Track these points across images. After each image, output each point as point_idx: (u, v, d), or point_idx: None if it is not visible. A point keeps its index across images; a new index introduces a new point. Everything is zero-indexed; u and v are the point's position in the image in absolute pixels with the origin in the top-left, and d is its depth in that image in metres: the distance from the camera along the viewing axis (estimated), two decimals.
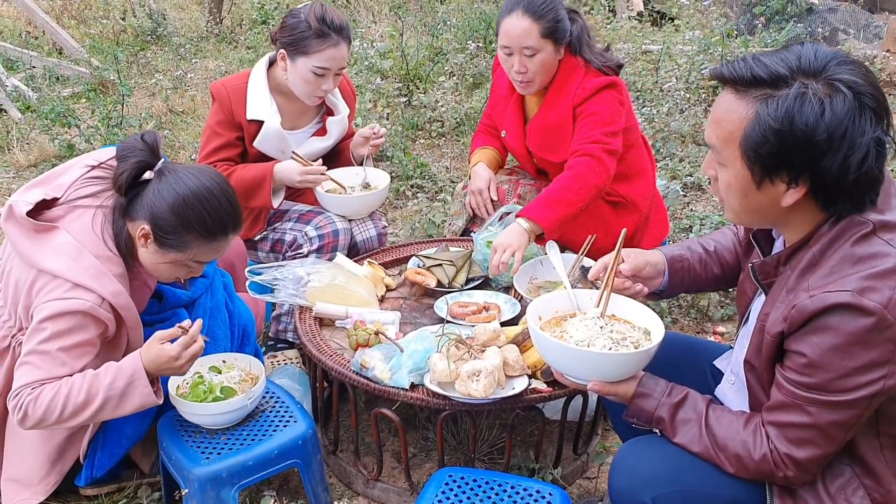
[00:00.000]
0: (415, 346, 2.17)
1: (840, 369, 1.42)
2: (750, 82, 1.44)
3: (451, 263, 2.67)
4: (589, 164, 2.63)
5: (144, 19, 7.98)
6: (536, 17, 2.62)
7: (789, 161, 1.42)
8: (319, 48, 2.75)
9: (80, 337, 1.98)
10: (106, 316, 2.00)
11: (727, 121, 1.47)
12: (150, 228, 2.03)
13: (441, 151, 5.18)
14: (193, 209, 2.02)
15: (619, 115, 2.74)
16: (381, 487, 2.38)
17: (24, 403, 1.94)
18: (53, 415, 1.94)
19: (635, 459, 1.68)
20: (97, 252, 2.03)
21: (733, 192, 1.53)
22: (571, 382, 1.78)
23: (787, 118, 1.39)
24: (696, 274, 1.97)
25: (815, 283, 1.46)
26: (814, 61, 1.42)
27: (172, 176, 2.04)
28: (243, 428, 2.16)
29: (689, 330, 3.31)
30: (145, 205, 2.03)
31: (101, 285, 1.99)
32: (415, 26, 7.33)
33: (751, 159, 1.45)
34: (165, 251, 2.06)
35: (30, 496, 2.19)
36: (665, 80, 5.68)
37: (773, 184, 1.47)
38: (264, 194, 2.80)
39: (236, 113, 2.86)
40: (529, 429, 2.63)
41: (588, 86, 2.72)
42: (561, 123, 2.79)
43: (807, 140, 1.39)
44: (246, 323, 2.50)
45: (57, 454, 2.20)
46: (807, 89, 1.39)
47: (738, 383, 1.78)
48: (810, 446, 1.50)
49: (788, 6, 7.21)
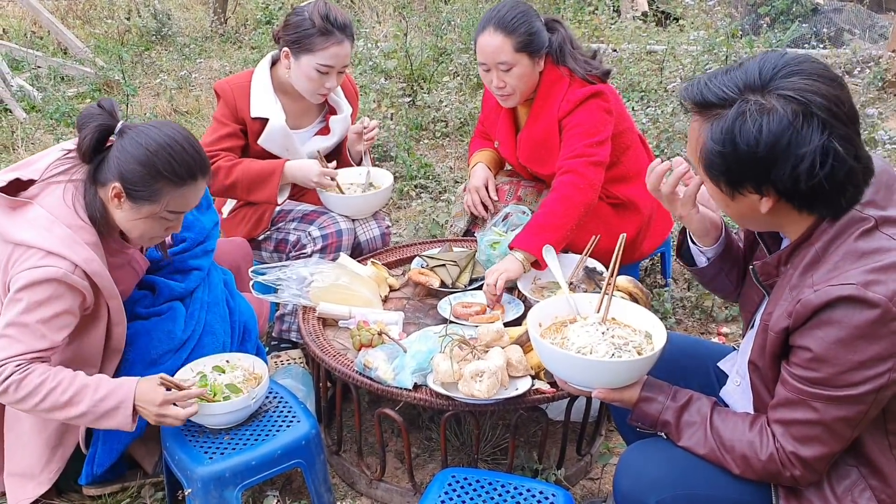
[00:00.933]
0: (418, 347, 2.16)
1: (846, 363, 1.42)
2: (703, 105, 1.49)
3: (455, 264, 2.67)
4: (573, 181, 2.61)
5: (149, 19, 7.99)
6: (508, 32, 2.61)
7: (743, 176, 1.46)
8: (323, 46, 2.75)
9: (57, 307, 1.99)
10: (81, 283, 2.01)
11: (692, 139, 1.54)
12: (121, 185, 2.04)
13: (445, 152, 5.18)
14: (159, 157, 2.03)
15: (604, 123, 2.71)
16: (384, 488, 2.38)
17: (8, 379, 1.94)
18: (32, 401, 1.96)
19: (641, 462, 1.67)
20: (69, 222, 2.05)
21: (717, 202, 1.59)
22: (575, 389, 1.78)
23: (729, 139, 1.44)
24: (738, 251, 1.89)
25: (820, 278, 1.46)
26: (758, 77, 1.44)
27: (134, 132, 2.07)
28: (246, 428, 2.16)
29: (693, 331, 3.30)
30: (112, 165, 2.06)
31: (73, 252, 2.00)
32: (419, 26, 7.33)
33: (713, 176, 1.51)
34: (139, 205, 2.07)
35: (34, 487, 2.20)
36: (669, 81, 5.67)
37: (743, 195, 1.50)
38: (270, 189, 2.80)
39: (240, 110, 2.87)
40: (533, 429, 2.63)
41: (572, 97, 2.70)
42: (547, 136, 2.78)
43: (750, 157, 1.43)
44: (247, 320, 2.50)
45: (56, 439, 2.21)
46: (746, 106, 1.42)
47: (743, 384, 1.78)
48: (816, 444, 1.49)
49: (793, 6, 7.19)
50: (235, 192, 2.87)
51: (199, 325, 2.31)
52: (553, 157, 2.78)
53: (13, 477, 2.22)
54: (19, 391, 1.95)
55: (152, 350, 2.22)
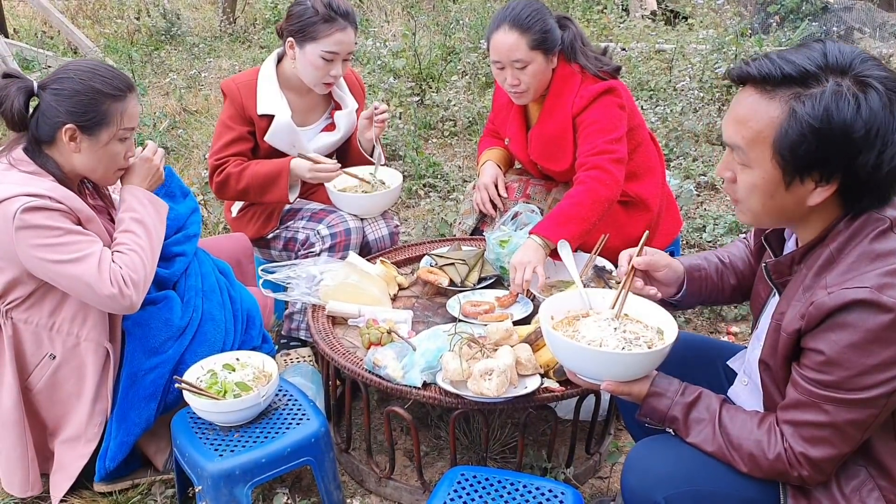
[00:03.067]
0: (427, 345, 2.17)
1: (858, 367, 1.41)
2: (779, 81, 1.42)
3: (464, 262, 2.67)
4: (598, 177, 2.61)
5: (158, 19, 8.02)
6: (523, 30, 2.62)
7: (825, 159, 1.41)
8: (327, 33, 2.77)
9: (61, 220, 2.04)
10: (60, 206, 2.05)
11: (754, 120, 1.45)
12: (73, 123, 2.09)
13: (453, 151, 5.18)
14: (94, 80, 2.11)
15: (620, 119, 2.72)
16: (393, 486, 2.39)
17: (123, 276, 2.08)
18: (147, 266, 2.16)
19: (649, 459, 1.67)
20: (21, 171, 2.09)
21: (757, 194, 1.51)
22: (584, 382, 1.77)
23: (826, 116, 1.37)
24: (713, 284, 1.95)
25: (834, 280, 1.45)
26: (841, 58, 1.41)
27: (55, 80, 2.12)
28: (256, 425, 2.17)
29: (703, 330, 3.30)
30: (51, 114, 2.10)
31: (34, 188, 2.04)
32: (427, 25, 7.34)
33: (784, 159, 1.43)
34: (97, 135, 2.13)
35: (84, 444, 2.26)
36: (679, 79, 5.66)
37: (802, 183, 1.45)
38: (281, 189, 2.82)
39: (247, 108, 2.88)
40: (542, 428, 2.63)
41: (585, 94, 2.71)
42: (560, 133, 2.78)
43: (844, 138, 1.38)
44: (250, 308, 2.51)
45: (94, 394, 2.25)
46: (841, 86, 1.38)
47: (751, 384, 1.77)
48: (826, 445, 1.49)
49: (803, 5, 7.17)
50: (250, 196, 2.90)
51: (196, 312, 2.31)
52: (565, 154, 2.78)
53: (64, 444, 2.28)
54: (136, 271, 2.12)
55: (151, 339, 2.23)
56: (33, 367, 2.22)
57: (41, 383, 2.23)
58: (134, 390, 2.21)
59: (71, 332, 2.19)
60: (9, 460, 2.27)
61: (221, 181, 2.87)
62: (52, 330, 2.18)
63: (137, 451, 2.35)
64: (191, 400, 2.12)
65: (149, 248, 2.19)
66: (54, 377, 2.23)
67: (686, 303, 1.97)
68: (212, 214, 4.20)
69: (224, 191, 2.89)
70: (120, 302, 2.09)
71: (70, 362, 2.21)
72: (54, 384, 2.24)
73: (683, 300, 1.95)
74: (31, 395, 2.25)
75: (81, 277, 2.04)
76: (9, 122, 2.13)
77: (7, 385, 2.21)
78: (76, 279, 2.05)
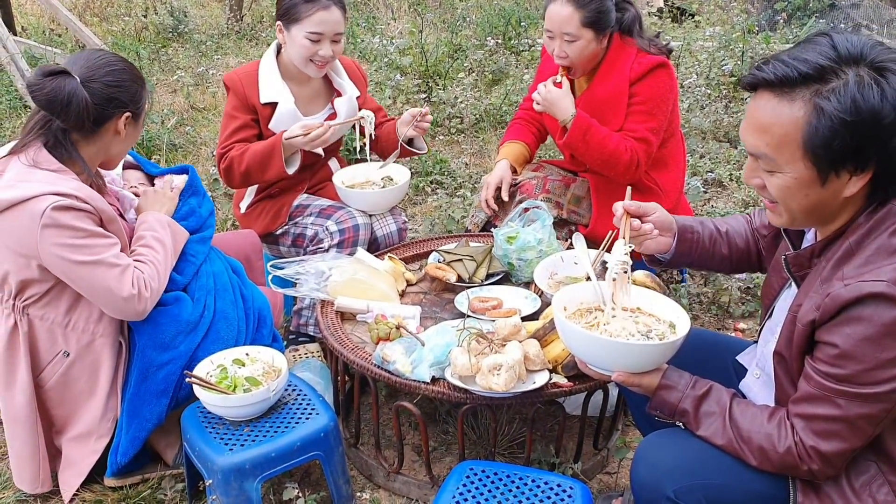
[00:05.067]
0: (436, 340, 2.17)
1: (872, 361, 1.41)
2: (797, 81, 1.42)
3: (472, 258, 2.68)
4: (634, 151, 2.76)
5: (166, 16, 8.05)
6: (579, 6, 2.69)
7: (859, 150, 1.41)
8: (309, 13, 2.79)
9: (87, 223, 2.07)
10: (86, 206, 2.07)
11: (777, 125, 1.44)
12: (129, 110, 2.19)
13: (460, 147, 5.19)
14: (134, 71, 2.23)
15: (666, 103, 2.82)
16: (401, 480, 2.40)
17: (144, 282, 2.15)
18: (162, 277, 2.22)
19: (658, 451, 1.67)
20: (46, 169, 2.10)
21: (792, 195, 1.50)
22: (595, 373, 1.77)
23: (854, 107, 1.38)
24: (703, 248, 1.96)
25: (851, 273, 1.45)
26: (851, 48, 1.41)
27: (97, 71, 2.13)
28: (266, 420, 2.18)
29: (710, 326, 3.30)
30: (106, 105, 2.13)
31: (62, 186, 2.05)
32: (434, 23, 7.35)
33: (818, 156, 1.43)
34: (139, 119, 2.26)
35: (96, 440, 2.28)
36: (685, 77, 5.66)
37: (838, 177, 1.45)
38: (277, 164, 2.81)
39: (250, 97, 2.90)
40: (550, 423, 2.63)
41: (644, 62, 2.79)
42: (615, 96, 2.84)
43: (875, 125, 1.38)
44: (261, 306, 2.52)
45: (108, 389, 2.26)
46: (861, 75, 1.38)
47: (763, 377, 1.77)
48: (837, 439, 1.49)
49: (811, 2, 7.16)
50: (252, 177, 2.88)
51: (208, 310, 2.32)
52: (617, 116, 2.85)
53: (74, 441, 2.29)
54: (154, 279, 2.18)
55: (161, 334, 2.23)
56: (45, 364, 2.23)
57: (52, 380, 2.24)
58: (146, 385, 2.22)
59: (87, 329, 2.20)
60: (20, 457, 2.28)
61: (226, 167, 2.87)
62: (67, 327, 2.19)
63: (147, 446, 2.36)
64: (201, 394, 2.13)
65: (164, 265, 2.25)
66: (66, 374, 2.24)
67: (675, 261, 1.98)
68: (220, 211, 4.21)
69: (230, 176, 2.89)
70: (135, 306, 2.12)
71: (84, 359, 2.23)
72: (66, 381, 2.25)
73: (672, 258, 1.96)
74: (41, 391, 2.26)
75: (102, 279, 2.07)
76: (74, 121, 2.10)
77: (20, 381, 2.22)
78: (96, 280, 2.07)
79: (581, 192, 3.02)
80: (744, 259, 1.98)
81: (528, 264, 2.59)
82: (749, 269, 2.03)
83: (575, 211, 3.01)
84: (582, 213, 3.02)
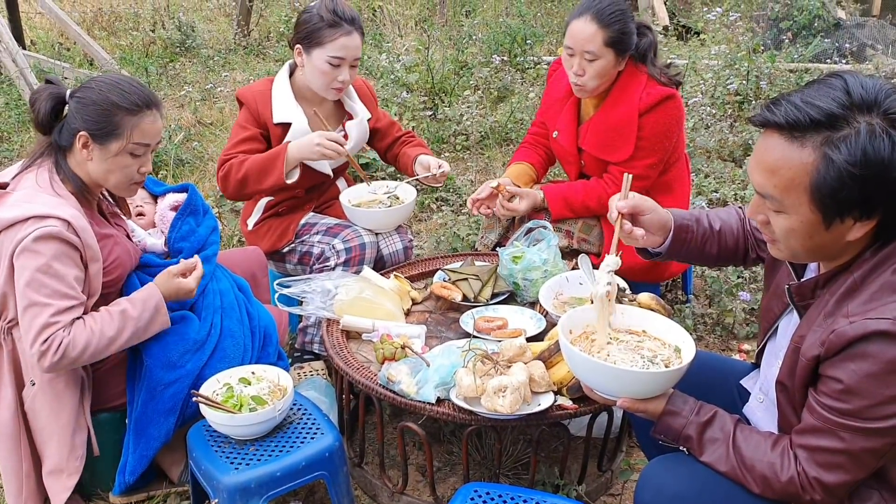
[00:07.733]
0: (441, 361, 2.18)
1: (876, 397, 1.42)
2: (807, 126, 1.41)
3: (477, 278, 2.68)
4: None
5: (174, 31, 8.10)
6: (603, 25, 2.69)
7: (865, 199, 1.40)
8: (332, 37, 2.81)
9: (65, 262, 2.08)
10: (75, 240, 2.09)
11: (786, 168, 1.43)
12: (85, 131, 2.16)
13: (466, 165, 5.20)
14: (112, 93, 2.17)
15: (669, 138, 2.85)
16: (405, 501, 2.39)
17: (60, 344, 2.06)
18: (88, 351, 2.11)
19: (662, 476, 1.68)
20: (50, 193, 2.15)
21: (795, 236, 1.50)
22: (601, 398, 1.78)
23: (864, 160, 1.37)
24: (696, 247, 1.97)
25: (855, 310, 1.46)
26: (865, 95, 1.39)
27: (82, 88, 2.20)
28: (271, 439, 2.18)
29: (714, 347, 3.30)
30: (71, 122, 2.18)
31: (61, 211, 2.09)
32: (440, 40, 7.39)
33: (824, 204, 1.42)
34: (107, 144, 2.18)
35: (66, 477, 2.25)
36: (691, 95, 5.67)
37: (842, 222, 1.45)
38: (277, 172, 2.82)
39: (263, 114, 2.92)
40: (554, 445, 2.64)
41: (653, 93, 2.80)
42: (624, 124, 2.84)
43: (884, 177, 1.38)
44: (267, 325, 2.53)
45: (73, 426, 2.24)
46: (873, 126, 1.37)
47: (767, 401, 1.78)
48: (840, 471, 1.49)
49: (815, 21, 7.17)
50: (248, 185, 2.87)
51: (214, 328, 2.34)
52: (626, 144, 2.86)
53: (50, 476, 2.27)
54: (75, 349, 2.08)
55: (168, 353, 2.25)
56: (22, 388, 2.24)
57: (27, 405, 2.24)
58: (153, 405, 2.23)
59: None
60: (5, 471, 2.28)
61: (224, 174, 2.88)
62: None
63: (153, 463, 2.37)
64: (207, 413, 2.14)
65: (107, 343, 2.15)
66: (33, 403, 2.22)
67: (664, 257, 1.99)
68: (226, 227, 4.23)
69: (226, 183, 2.89)
70: (38, 359, 2.08)
71: (46, 391, 2.21)
72: (34, 410, 2.23)
73: (665, 254, 1.97)
74: (24, 410, 2.25)
75: (28, 317, 2.07)
76: (36, 123, 2.22)
77: (5, 398, 2.22)
78: (23, 315, 2.08)
79: (592, 220, 3.03)
80: (730, 257, 2.01)
81: (533, 284, 2.60)
82: (734, 264, 2.06)
83: (585, 239, 3.02)
84: (592, 241, 3.03)
